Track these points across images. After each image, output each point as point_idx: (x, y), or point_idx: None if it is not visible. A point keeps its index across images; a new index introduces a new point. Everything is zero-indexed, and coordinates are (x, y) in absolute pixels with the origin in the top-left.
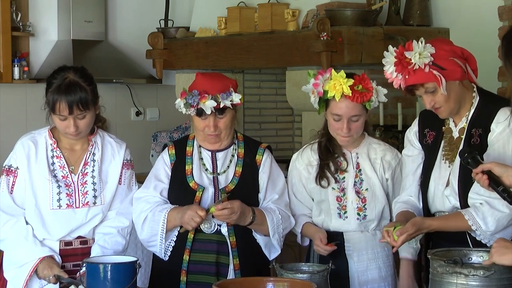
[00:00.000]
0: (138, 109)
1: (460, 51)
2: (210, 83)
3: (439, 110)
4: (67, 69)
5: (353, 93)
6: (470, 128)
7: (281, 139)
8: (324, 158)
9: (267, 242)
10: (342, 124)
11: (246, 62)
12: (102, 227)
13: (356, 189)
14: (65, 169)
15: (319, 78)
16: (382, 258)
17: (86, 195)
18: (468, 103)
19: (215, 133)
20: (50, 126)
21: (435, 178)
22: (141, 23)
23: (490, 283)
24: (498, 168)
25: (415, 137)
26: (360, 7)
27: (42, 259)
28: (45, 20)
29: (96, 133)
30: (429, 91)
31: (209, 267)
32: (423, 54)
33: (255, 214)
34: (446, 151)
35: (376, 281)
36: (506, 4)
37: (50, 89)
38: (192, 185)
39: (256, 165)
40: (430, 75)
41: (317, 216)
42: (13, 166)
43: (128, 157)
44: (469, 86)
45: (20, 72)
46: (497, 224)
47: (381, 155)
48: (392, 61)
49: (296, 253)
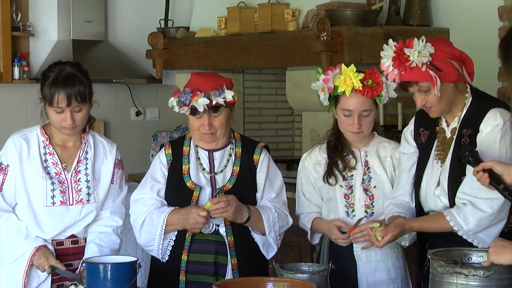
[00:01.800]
0: (138, 109)
1: (458, 54)
2: (204, 81)
3: (430, 110)
4: (63, 63)
5: (363, 88)
6: (461, 128)
7: (281, 139)
8: (333, 156)
9: (265, 241)
10: (353, 120)
11: (246, 62)
12: (96, 226)
13: (364, 187)
14: (58, 165)
15: (329, 73)
16: (392, 259)
17: (80, 192)
18: (460, 104)
19: (210, 132)
20: (41, 124)
21: (427, 177)
22: (141, 23)
23: (490, 283)
24: (499, 167)
25: (410, 136)
26: (360, 7)
27: (38, 248)
28: (45, 20)
29: (88, 132)
30: (423, 90)
31: (207, 267)
32: (422, 53)
33: (250, 210)
34: (439, 150)
35: (385, 283)
36: (506, 4)
37: (47, 82)
38: (189, 184)
39: (253, 164)
40: (426, 75)
41: (326, 216)
42: (3, 163)
43: (119, 157)
44: (463, 87)
45: (20, 72)
46: (478, 223)
47: (391, 153)
48: (390, 55)
49: (296, 253)
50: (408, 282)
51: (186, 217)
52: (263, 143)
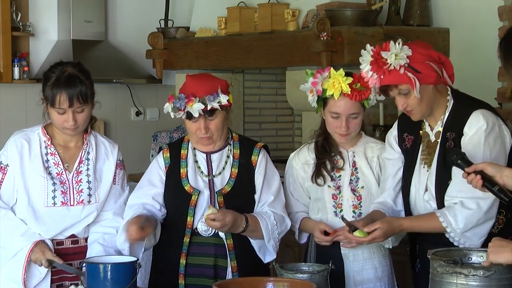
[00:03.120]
0: (138, 109)
1: (437, 56)
2: (198, 85)
3: (411, 113)
4: (65, 64)
5: (352, 91)
6: (445, 131)
7: (281, 139)
8: (321, 156)
9: (261, 245)
10: (341, 122)
11: (246, 62)
12: (99, 227)
13: (352, 187)
14: (59, 166)
15: (318, 76)
16: (378, 257)
17: (81, 193)
18: (442, 107)
19: (207, 136)
20: (43, 123)
21: (416, 183)
22: (141, 23)
23: (490, 283)
24: (491, 168)
25: (394, 141)
26: (360, 7)
27: (36, 244)
28: (45, 20)
29: (90, 132)
30: (403, 93)
31: (207, 270)
32: (399, 56)
33: (248, 223)
34: (424, 155)
35: (372, 281)
36: (506, 4)
37: (48, 83)
38: (188, 188)
39: (252, 166)
40: (405, 77)
41: (314, 215)
42: (3, 163)
43: (121, 158)
44: (444, 90)
45: (20, 72)
46: (466, 221)
47: (378, 154)
48: (368, 60)
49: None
50: (393, 280)
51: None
52: (262, 143)
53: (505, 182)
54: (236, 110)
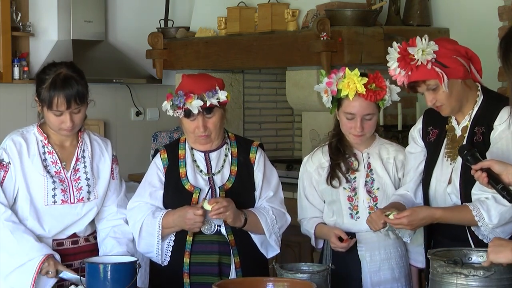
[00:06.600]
0: (138, 109)
1: (464, 51)
2: (196, 83)
3: (441, 108)
4: (58, 65)
5: (367, 92)
6: (473, 126)
7: (281, 139)
8: (335, 158)
9: (262, 240)
10: (356, 123)
11: (246, 62)
12: (107, 222)
13: (367, 189)
14: (57, 164)
15: (333, 77)
16: (395, 258)
17: (81, 190)
18: (471, 102)
19: (205, 134)
20: (37, 123)
21: (437, 175)
22: (141, 23)
23: (490, 283)
24: (498, 166)
25: (418, 134)
26: (360, 7)
27: (47, 257)
28: (45, 20)
29: (84, 130)
30: (431, 88)
31: (212, 268)
32: (426, 51)
33: (246, 215)
34: (449, 149)
35: (389, 281)
36: (506, 4)
37: (44, 85)
38: (188, 187)
39: (250, 163)
40: (432, 72)
41: (329, 218)
42: (4, 160)
43: (114, 153)
44: (473, 85)
45: (20, 72)
46: (500, 217)
47: (394, 155)
48: (395, 57)
49: (296, 253)
50: (410, 282)
51: (183, 218)
52: (258, 142)
53: (510, 180)
54: (236, 110)
